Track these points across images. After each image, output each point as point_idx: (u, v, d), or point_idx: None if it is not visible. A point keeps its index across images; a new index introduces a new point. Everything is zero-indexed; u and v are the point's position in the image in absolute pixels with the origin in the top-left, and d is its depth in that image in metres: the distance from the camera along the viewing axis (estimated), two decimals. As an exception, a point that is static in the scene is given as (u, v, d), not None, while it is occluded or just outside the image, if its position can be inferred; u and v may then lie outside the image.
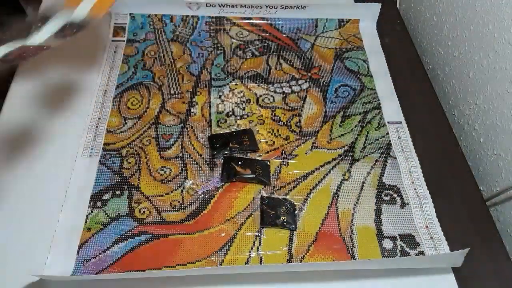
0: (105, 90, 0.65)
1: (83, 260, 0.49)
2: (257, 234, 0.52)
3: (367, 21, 0.78)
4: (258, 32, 0.76)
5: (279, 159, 0.59)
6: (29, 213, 0.52)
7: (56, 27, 0.43)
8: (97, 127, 0.61)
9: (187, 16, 0.76)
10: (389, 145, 0.62)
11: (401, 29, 0.81)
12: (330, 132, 0.63)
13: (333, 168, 0.59)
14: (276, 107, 0.66)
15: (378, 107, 0.67)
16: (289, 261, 0.50)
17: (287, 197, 0.55)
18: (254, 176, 0.52)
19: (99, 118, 0.62)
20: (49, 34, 0.42)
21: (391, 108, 0.67)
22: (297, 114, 0.65)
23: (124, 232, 0.51)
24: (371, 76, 0.71)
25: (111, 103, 0.64)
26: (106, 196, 0.54)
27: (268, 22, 0.77)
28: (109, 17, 0.74)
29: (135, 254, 0.50)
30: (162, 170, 0.57)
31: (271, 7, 0.75)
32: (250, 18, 0.77)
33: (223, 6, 0.75)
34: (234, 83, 0.68)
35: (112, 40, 0.72)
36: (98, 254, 0.49)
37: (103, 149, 0.59)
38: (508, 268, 0.52)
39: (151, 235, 0.51)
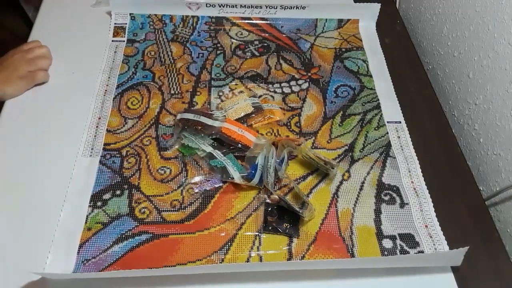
0: (105, 90, 0.65)
1: (83, 260, 0.49)
2: (257, 233, 0.52)
3: (367, 21, 0.78)
4: (258, 32, 0.76)
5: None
6: (29, 213, 0.52)
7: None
8: (97, 127, 0.61)
9: (187, 16, 0.76)
10: (388, 145, 0.62)
11: (401, 29, 0.81)
12: (330, 132, 0.63)
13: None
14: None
15: (378, 107, 0.67)
16: (289, 260, 0.50)
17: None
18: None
19: (99, 118, 0.62)
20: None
21: (391, 108, 0.67)
22: (297, 114, 0.65)
23: (124, 232, 0.51)
24: (371, 76, 0.71)
25: (111, 103, 0.64)
26: (106, 196, 0.54)
27: (268, 22, 0.77)
28: (110, 17, 0.75)
29: (135, 253, 0.50)
30: (162, 170, 0.57)
31: (271, 7, 0.75)
32: (250, 18, 0.77)
33: (223, 6, 0.75)
34: (234, 83, 0.68)
35: (112, 40, 0.73)
36: (98, 253, 0.49)
37: (104, 149, 0.59)
38: (507, 267, 0.52)
39: (151, 235, 0.51)
